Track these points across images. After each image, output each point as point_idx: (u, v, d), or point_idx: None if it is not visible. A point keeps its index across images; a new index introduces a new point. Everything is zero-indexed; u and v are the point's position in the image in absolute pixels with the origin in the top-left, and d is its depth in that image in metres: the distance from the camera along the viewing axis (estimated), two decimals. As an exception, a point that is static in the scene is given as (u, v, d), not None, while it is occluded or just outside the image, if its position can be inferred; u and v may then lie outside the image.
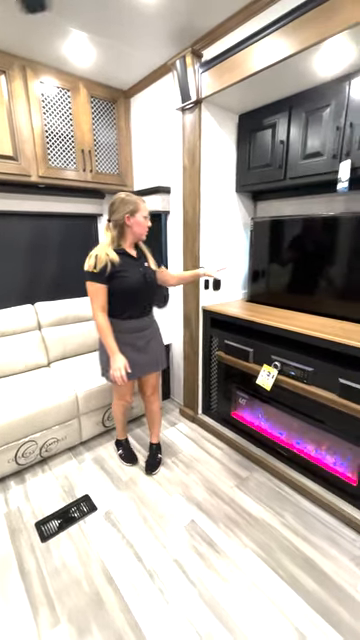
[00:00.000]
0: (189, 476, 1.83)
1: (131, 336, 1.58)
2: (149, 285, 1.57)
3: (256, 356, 1.83)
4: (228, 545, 1.42)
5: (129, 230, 1.49)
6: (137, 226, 1.48)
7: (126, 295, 1.51)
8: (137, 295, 1.54)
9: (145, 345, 1.63)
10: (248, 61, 1.51)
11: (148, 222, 1.53)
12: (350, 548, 1.41)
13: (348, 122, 1.50)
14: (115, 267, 1.44)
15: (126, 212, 1.44)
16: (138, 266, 1.53)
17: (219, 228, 2.12)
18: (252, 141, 1.93)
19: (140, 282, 1.52)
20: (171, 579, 1.29)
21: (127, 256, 1.51)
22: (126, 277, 1.47)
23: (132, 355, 1.57)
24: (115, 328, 1.53)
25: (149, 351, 1.65)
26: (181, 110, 1.89)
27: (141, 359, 1.62)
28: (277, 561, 1.35)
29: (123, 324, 1.56)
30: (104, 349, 1.58)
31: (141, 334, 1.61)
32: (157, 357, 1.71)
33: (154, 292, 1.65)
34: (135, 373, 1.61)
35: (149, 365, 1.68)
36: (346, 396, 1.44)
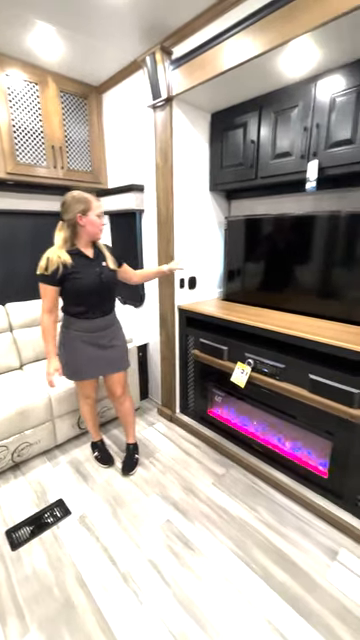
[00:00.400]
0: (166, 476, 1.83)
1: (91, 335, 1.57)
2: (106, 285, 1.54)
3: (230, 354, 1.85)
4: (203, 543, 1.43)
5: (83, 230, 1.45)
6: (90, 225, 1.45)
7: (82, 296, 1.49)
8: (93, 295, 1.51)
9: (106, 344, 1.62)
10: (217, 59, 1.52)
11: (102, 221, 1.50)
12: (320, 538, 1.45)
13: (315, 123, 1.53)
14: (68, 269, 1.42)
15: (78, 211, 1.40)
16: (94, 266, 1.50)
17: (194, 227, 2.12)
18: (224, 140, 1.94)
19: (95, 282, 1.49)
20: (145, 580, 1.28)
21: (82, 257, 1.48)
22: (79, 278, 1.45)
23: (92, 354, 1.58)
24: (74, 327, 1.55)
25: (110, 350, 1.64)
26: (152, 108, 1.87)
27: (102, 358, 1.62)
28: (251, 556, 1.37)
29: (82, 323, 1.55)
30: (63, 349, 1.60)
31: (102, 333, 1.60)
32: (119, 357, 1.69)
33: (112, 292, 1.63)
34: (96, 372, 1.66)
35: (111, 365, 1.67)
36: (316, 391, 1.48)
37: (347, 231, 1.58)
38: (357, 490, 1.46)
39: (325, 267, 1.70)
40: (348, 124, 1.44)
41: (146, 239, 2.27)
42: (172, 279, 2.07)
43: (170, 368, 2.27)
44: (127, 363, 1.76)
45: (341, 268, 1.64)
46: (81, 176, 2.34)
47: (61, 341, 1.60)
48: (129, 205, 2.19)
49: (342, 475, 1.49)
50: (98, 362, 1.62)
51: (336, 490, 1.54)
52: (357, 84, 1.38)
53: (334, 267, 1.66)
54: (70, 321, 1.56)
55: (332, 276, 1.68)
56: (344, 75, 1.42)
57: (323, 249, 1.68)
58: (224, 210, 2.30)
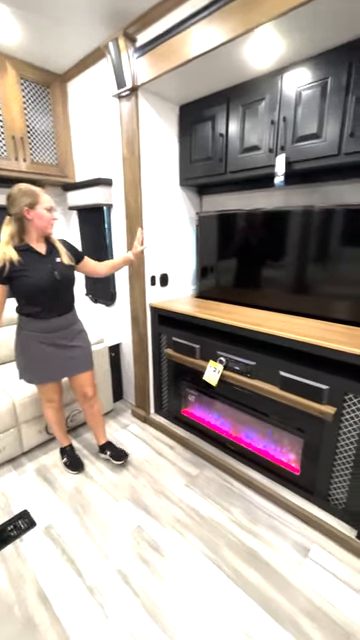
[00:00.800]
0: (138, 479, 1.77)
1: (48, 335, 1.50)
2: (61, 282, 1.45)
3: (203, 352, 1.81)
4: (175, 548, 1.39)
5: (31, 224, 1.36)
6: (39, 219, 1.36)
7: (33, 294, 1.41)
8: (47, 294, 1.43)
9: (66, 345, 1.55)
10: (182, 47, 1.46)
11: (53, 215, 1.41)
12: (293, 535, 1.44)
13: (282, 116, 1.51)
14: (15, 266, 1.33)
15: (24, 204, 1.32)
16: (46, 263, 1.42)
17: (164, 222, 2.06)
18: (193, 133, 1.90)
19: (48, 280, 1.41)
20: (112, 592, 1.22)
21: (32, 253, 1.39)
22: (28, 276, 1.37)
23: (51, 355, 1.52)
24: (29, 327, 1.48)
25: (71, 351, 1.57)
26: (118, 97, 1.80)
27: (62, 359, 1.55)
28: (223, 558, 1.34)
29: (37, 323, 1.47)
30: (19, 351, 1.54)
31: (60, 334, 1.53)
32: (81, 357, 1.63)
33: (69, 289, 1.55)
34: (56, 374, 1.59)
35: (73, 366, 1.61)
36: (286, 388, 1.47)
37: (320, 226, 1.57)
38: (327, 486, 1.46)
39: (298, 263, 1.69)
40: (314, 118, 1.42)
41: (116, 235, 2.19)
42: (143, 276, 2.01)
43: (143, 368, 2.21)
44: (91, 364, 1.69)
45: (314, 264, 1.63)
46: (46, 169, 2.22)
47: (17, 343, 1.52)
48: (97, 200, 2.10)
49: (313, 471, 1.49)
50: (58, 364, 1.55)
51: (308, 486, 1.54)
52: (321, 78, 1.37)
53: (307, 263, 1.66)
54: (24, 321, 1.49)
55: (306, 272, 1.67)
56: (309, 68, 1.40)
57: (296, 245, 1.67)
58: (195, 205, 2.26)
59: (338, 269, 1.55)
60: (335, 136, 1.38)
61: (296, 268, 1.70)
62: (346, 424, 1.34)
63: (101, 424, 1.89)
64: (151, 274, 2.05)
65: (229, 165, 1.77)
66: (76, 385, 1.70)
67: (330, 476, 1.45)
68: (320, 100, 1.39)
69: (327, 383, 1.34)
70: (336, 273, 1.56)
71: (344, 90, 1.32)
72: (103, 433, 1.90)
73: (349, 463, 1.37)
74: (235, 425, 1.87)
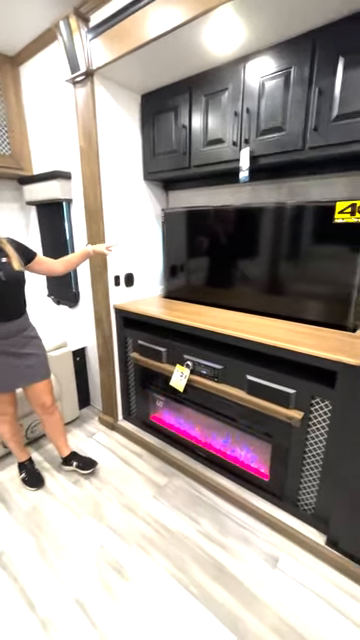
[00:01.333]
0: (102, 492, 1.67)
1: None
2: (7, 284, 1.33)
3: (169, 356, 1.72)
4: (139, 568, 1.30)
5: None
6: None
7: None
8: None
9: (17, 352, 1.43)
10: (138, 29, 1.35)
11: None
12: (262, 545, 1.39)
13: (245, 107, 1.44)
14: None
15: None
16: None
17: (128, 219, 1.94)
18: (156, 124, 1.79)
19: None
20: (68, 624, 1.12)
21: None
22: None
23: (1, 365, 1.39)
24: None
25: (24, 359, 1.45)
26: (72, 83, 1.66)
27: (14, 368, 1.43)
28: (189, 576, 1.27)
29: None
30: None
31: (11, 341, 1.40)
32: (36, 365, 1.51)
33: (18, 292, 1.42)
34: (7, 384, 1.47)
35: (26, 375, 1.49)
36: (253, 392, 1.41)
37: (289, 224, 1.50)
38: (296, 491, 1.42)
39: (268, 262, 1.62)
40: (278, 110, 1.36)
41: (77, 231, 2.05)
42: (106, 276, 1.89)
43: (109, 373, 2.09)
44: (47, 372, 1.57)
45: (284, 263, 1.57)
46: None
47: None
48: (54, 194, 1.95)
49: (282, 477, 1.45)
50: (9, 373, 1.43)
51: (277, 492, 1.49)
52: (285, 67, 1.31)
53: (277, 262, 1.59)
54: None
55: (276, 272, 1.61)
56: (272, 57, 1.33)
57: (266, 243, 1.60)
58: (162, 201, 2.16)
59: (307, 268, 1.50)
60: (299, 129, 1.32)
61: (266, 267, 1.64)
62: (313, 428, 1.30)
63: (62, 434, 1.77)
64: (115, 274, 1.93)
65: (193, 159, 1.68)
66: (32, 395, 1.57)
67: (299, 481, 1.41)
68: (283, 91, 1.33)
69: (294, 387, 1.29)
70: (305, 273, 1.51)
71: (307, 81, 1.26)
72: (65, 443, 1.79)
73: (317, 468, 1.33)
74: (204, 431, 1.80)
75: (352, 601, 1.18)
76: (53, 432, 1.73)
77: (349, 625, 1.11)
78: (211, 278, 1.87)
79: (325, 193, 1.55)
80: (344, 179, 1.50)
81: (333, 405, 1.22)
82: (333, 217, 1.35)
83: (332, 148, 1.27)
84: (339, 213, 1.34)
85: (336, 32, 1.17)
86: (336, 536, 1.29)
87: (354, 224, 1.31)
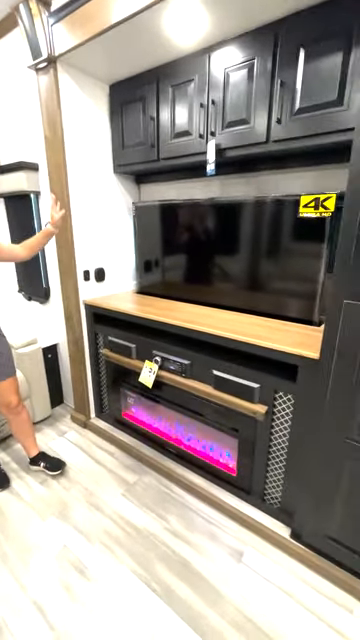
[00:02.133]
0: (70, 492, 1.63)
1: None
2: None
3: (139, 352, 1.70)
4: (102, 567, 1.27)
5: None
6: None
7: None
8: None
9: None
10: (100, 13, 1.30)
11: None
12: (228, 540, 1.38)
13: (210, 99, 1.42)
14: None
15: None
16: None
17: (97, 212, 1.90)
18: (124, 115, 1.75)
19: None
20: (24, 628, 1.08)
21: None
22: None
23: None
24: None
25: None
26: (35, 70, 1.60)
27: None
28: (153, 573, 1.25)
29: None
30: None
31: None
32: (1, 364, 1.47)
33: None
34: None
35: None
36: (219, 387, 1.40)
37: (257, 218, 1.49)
38: (263, 485, 1.42)
39: (238, 257, 1.61)
40: (242, 102, 1.34)
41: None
42: (74, 270, 1.84)
43: (80, 370, 2.05)
44: (11, 370, 1.51)
45: (253, 258, 1.56)
46: None
47: None
48: (20, 186, 1.88)
49: (249, 471, 1.45)
50: None
51: (244, 487, 1.49)
52: (248, 58, 1.29)
53: (247, 257, 1.58)
54: None
55: (245, 267, 1.60)
56: (237, 47, 1.31)
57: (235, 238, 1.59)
58: (134, 195, 2.12)
59: (274, 264, 1.50)
60: (263, 122, 1.31)
61: (235, 262, 1.63)
62: (277, 422, 1.30)
63: (31, 434, 1.72)
64: (84, 268, 1.88)
65: (161, 151, 1.65)
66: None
67: (265, 475, 1.41)
68: (247, 83, 1.31)
69: (258, 381, 1.29)
70: (272, 268, 1.51)
71: (270, 73, 1.25)
72: (34, 443, 1.74)
73: (282, 462, 1.34)
74: (174, 427, 1.78)
75: (314, 593, 1.19)
76: (20, 432, 1.68)
77: (311, 617, 1.12)
78: (183, 273, 1.85)
79: (293, 187, 1.55)
80: (312, 173, 1.50)
81: (295, 399, 1.22)
82: (298, 211, 1.35)
83: (295, 141, 1.27)
84: (303, 207, 1.33)
85: (297, 23, 1.16)
86: (300, 529, 1.30)
87: (318, 218, 1.31)
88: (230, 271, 1.66)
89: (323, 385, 1.08)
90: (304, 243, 1.39)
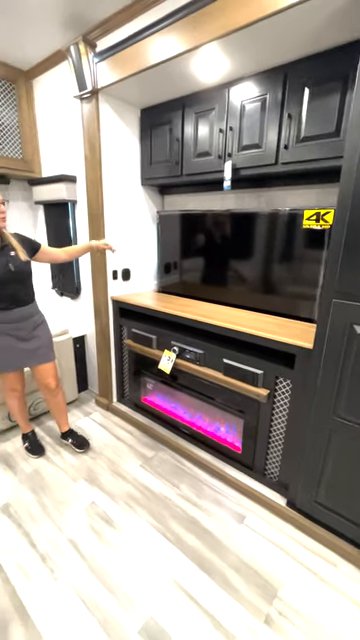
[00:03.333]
0: (96, 461, 1.88)
1: (7, 326, 1.56)
2: (17, 275, 1.52)
3: (159, 342, 1.94)
4: (124, 519, 1.52)
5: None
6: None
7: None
8: (3, 286, 1.49)
9: (25, 336, 1.62)
10: (139, 56, 1.56)
11: (0, 208, 1.44)
12: (232, 506, 1.60)
13: (229, 126, 1.65)
14: None
15: None
16: (0, 257, 1.48)
17: (126, 220, 2.16)
18: (153, 136, 2.01)
19: (3, 273, 1.47)
20: (63, 558, 1.34)
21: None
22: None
23: (10, 345, 1.58)
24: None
25: (31, 342, 1.65)
26: (79, 99, 1.88)
27: (21, 350, 1.62)
28: (167, 526, 1.48)
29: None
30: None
31: (20, 325, 1.59)
32: (41, 348, 1.69)
33: (26, 282, 1.60)
34: (15, 363, 1.66)
35: (32, 357, 1.68)
36: (228, 374, 1.62)
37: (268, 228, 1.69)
38: (264, 461, 1.63)
39: (249, 262, 1.83)
40: (256, 129, 1.57)
41: (80, 230, 2.27)
42: (105, 270, 2.11)
43: (106, 358, 2.31)
44: (52, 355, 1.76)
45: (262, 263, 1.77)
46: (12, 163, 2.27)
47: None
48: (60, 195, 2.17)
49: (252, 449, 1.66)
50: (17, 354, 1.62)
51: (248, 463, 1.70)
52: (262, 93, 1.52)
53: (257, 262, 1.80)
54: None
55: (255, 270, 1.81)
56: (252, 84, 1.55)
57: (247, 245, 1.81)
58: (158, 204, 2.37)
59: (280, 268, 1.71)
60: (273, 147, 1.53)
61: (246, 266, 1.85)
62: (277, 404, 1.51)
63: (64, 413, 1.97)
64: (113, 268, 2.15)
65: (185, 168, 1.89)
66: (38, 376, 1.77)
67: (266, 452, 1.62)
68: (260, 113, 1.54)
69: (262, 368, 1.51)
70: (278, 272, 1.72)
71: (280, 106, 1.47)
72: (65, 421, 1.99)
73: (281, 440, 1.55)
74: (188, 410, 2.01)
75: (304, 550, 1.39)
76: (56, 410, 1.93)
77: (300, 568, 1.32)
78: (199, 275, 2.08)
79: (299, 202, 1.76)
80: (314, 190, 1.71)
81: (293, 383, 1.43)
82: (302, 223, 1.57)
83: (300, 164, 1.48)
84: (306, 220, 1.55)
85: (302, 67, 1.39)
86: (294, 498, 1.50)
87: (318, 230, 1.52)
88: (241, 274, 1.88)
89: (315, 371, 1.29)
90: (307, 251, 1.60)
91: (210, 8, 1.29)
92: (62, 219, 2.33)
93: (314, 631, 1.11)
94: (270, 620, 1.14)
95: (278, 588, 1.24)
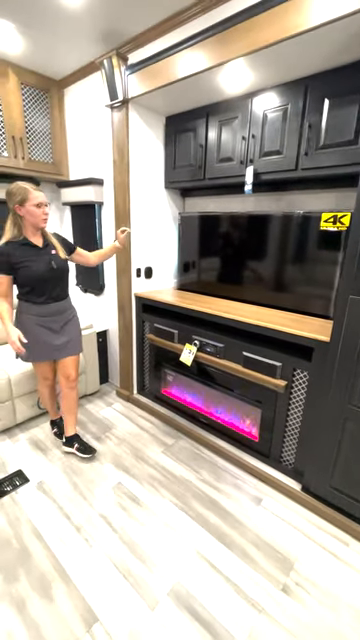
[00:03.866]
0: (120, 447, 2.01)
1: (44, 319, 1.67)
2: (57, 272, 1.63)
3: (180, 337, 2.06)
4: (149, 498, 1.64)
5: (24, 220, 1.52)
6: (30, 215, 1.50)
7: (33, 282, 1.58)
8: (45, 282, 1.60)
9: (60, 329, 1.72)
10: (168, 70, 1.69)
11: (43, 209, 1.53)
12: (249, 490, 1.71)
13: (251, 133, 1.76)
14: (16, 258, 1.52)
15: (15, 202, 1.47)
16: (44, 254, 1.58)
17: (150, 221, 2.29)
18: (177, 142, 2.13)
19: (46, 269, 1.58)
20: (96, 529, 1.46)
21: (30, 246, 1.56)
22: (29, 266, 1.54)
23: (45, 337, 1.69)
24: (28, 312, 1.65)
25: (64, 335, 1.74)
26: (110, 107, 2.01)
27: (56, 342, 1.72)
28: (189, 505, 1.60)
29: (35, 308, 1.64)
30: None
31: (54, 318, 1.70)
32: (71, 341, 1.78)
33: (64, 279, 1.72)
34: (49, 354, 1.74)
35: (63, 349, 1.75)
36: (248, 366, 1.73)
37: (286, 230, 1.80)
38: (280, 449, 1.73)
39: (267, 261, 1.94)
40: (277, 137, 1.67)
41: (105, 230, 2.41)
42: (129, 268, 2.24)
43: (128, 351, 2.44)
44: (80, 348, 1.86)
45: (281, 263, 1.88)
46: (43, 167, 2.42)
47: (15, 326, 1.63)
48: (88, 197, 2.31)
49: (269, 437, 1.76)
50: (50, 345, 1.71)
51: (265, 451, 1.81)
52: (283, 104, 1.62)
53: (275, 262, 1.90)
54: (24, 306, 1.66)
55: (273, 270, 1.92)
56: (274, 95, 1.65)
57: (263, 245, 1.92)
58: (179, 206, 2.49)
59: (298, 268, 1.81)
60: (293, 154, 1.63)
61: (264, 266, 1.95)
62: (294, 395, 1.61)
63: (74, 412, 1.93)
64: (137, 267, 2.28)
65: (207, 172, 2.01)
66: (61, 366, 1.83)
67: (282, 441, 1.72)
68: (282, 122, 1.64)
69: (280, 361, 1.61)
70: (296, 271, 1.82)
71: (300, 116, 1.58)
72: (73, 423, 1.94)
73: (297, 429, 1.64)
74: (206, 401, 2.12)
75: (318, 530, 1.49)
76: (67, 408, 1.92)
77: (314, 545, 1.42)
78: (218, 273, 2.19)
79: (316, 205, 1.86)
80: (332, 194, 1.80)
81: (310, 375, 1.53)
82: (319, 225, 1.66)
83: (319, 170, 1.58)
84: (324, 222, 1.65)
85: (323, 80, 1.49)
86: (309, 483, 1.60)
87: (335, 232, 1.62)
88: (259, 273, 1.98)
89: (332, 362, 1.39)
90: (324, 251, 1.69)
91: (238, 27, 1.40)
92: (88, 219, 2.47)
93: (330, 601, 1.21)
94: (287, 589, 1.24)
95: (294, 562, 1.34)
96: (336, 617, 1.16)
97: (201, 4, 1.51)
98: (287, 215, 1.78)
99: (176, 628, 1.11)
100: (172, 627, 1.12)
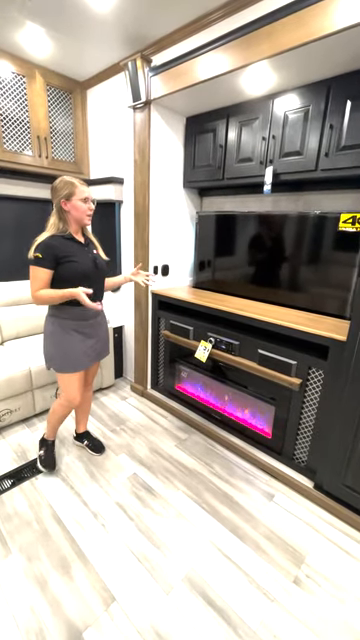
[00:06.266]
0: (135, 440, 2.06)
1: (81, 323, 1.53)
2: (100, 272, 1.54)
3: (195, 333, 2.10)
4: (163, 489, 1.68)
5: (68, 215, 1.43)
6: (75, 210, 1.42)
7: (77, 280, 1.41)
8: (89, 280, 1.46)
9: (92, 333, 1.58)
10: (190, 72, 1.72)
11: (89, 205, 1.45)
12: (262, 486, 1.73)
13: (271, 134, 1.78)
14: (62, 252, 1.38)
15: (61, 197, 1.38)
16: (87, 252, 1.49)
17: (168, 219, 2.33)
18: (197, 142, 2.17)
19: (90, 267, 1.47)
20: (112, 516, 1.52)
21: (74, 242, 1.45)
22: (75, 262, 1.41)
23: (84, 343, 1.55)
24: (65, 315, 1.49)
25: (97, 338, 1.62)
26: (132, 108, 2.06)
27: (91, 347, 1.59)
28: (202, 498, 1.64)
29: (75, 311, 1.48)
30: (49, 341, 1.54)
31: (91, 322, 1.57)
32: (104, 344, 1.69)
33: (103, 279, 1.61)
34: (88, 361, 1.59)
35: (99, 353, 1.66)
36: (263, 363, 1.75)
37: (304, 230, 1.82)
38: (293, 447, 1.75)
39: (283, 261, 1.96)
40: (298, 138, 1.69)
41: (124, 228, 2.47)
42: (147, 266, 2.28)
43: (143, 347, 2.49)
44: (107, 351, 1.75)
45: (297, 263, 1.90)
46: (65, 166, 2.49)
47: (49, 331, 1.52)
48: (109, 196, 2.37)
49: (282, 435, 1.78)
50: (89, 351, 1.58)
51: (277, 448, 1.83)
52: (305, 105, 1.64)
53: (291, 262, 1.93)
54: (61, 309, 1.47)
55: (289, 269, 1.94)
56: (296, 96, 1.67)
57: (279, 245, 1.95)
58: (196, 205, 2.53)
59: (314, 268, 1.82)
60: (314, 154, 1.65)
61: (280, 265, 1.98)
62: (309, 393, 1.63)
63: (88, 411, 1.95)
64: (154, 264, 2.32)
65: (226, 172, 2.04)
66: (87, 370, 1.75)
67: (295, 439, 1.74)
68: (303, 123, 1.66)
69: (295, 359, 1.63)
70: (312, 271, 1.84)
71: (322, 117, 1.59)
72: (85, 422, 1.96)
73: (310, 427, 1.66)
74: (220, 397, 2.16)
75: (329, 527, 1.50)
76: (83, 407, 1.91)
77: (325, 541, 1.44)
78: (234, 272, 2.22)
79: (335, 206, 1.87)
80: (351, 195, 1.81)
81: (325, 373, 1.55)
82: (338, 226, 1.68)
83: (339, 171, 1.60)
84: (343, 222, 1.66)
85: (346, 81, 1.50)
86: (321, 481, 1.62)
87: (354, 232, 1.63)
88: (275, 272, 2.00)
89: (348, 361, 1.41)
90: (341, 252, 1.70)
91: (262, 31, 1.43)
92: (108, 217, 2.53)
93: (340, 594, 1.23)
94: (299, 581, 1.27)
95: (305, 556, 1.37)
96: (345, 609, 1.18)
97: (225, 8, 1.54)
98: (304, 215, 1.80)
99: (190, 612, 1.15)
100: (186, 611, 1.16)
